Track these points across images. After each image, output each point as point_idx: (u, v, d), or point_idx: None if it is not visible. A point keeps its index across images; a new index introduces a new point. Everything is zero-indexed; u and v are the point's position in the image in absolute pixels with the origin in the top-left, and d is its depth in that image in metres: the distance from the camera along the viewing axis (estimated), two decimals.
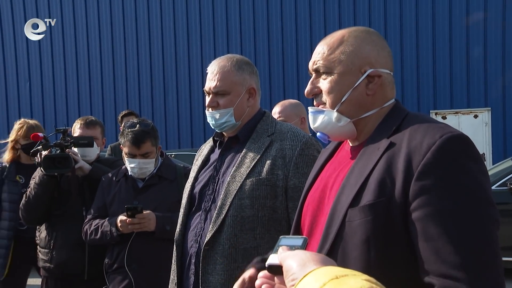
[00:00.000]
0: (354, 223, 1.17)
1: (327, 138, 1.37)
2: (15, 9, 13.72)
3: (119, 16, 13.42)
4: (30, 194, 3.09)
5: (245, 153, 1.99)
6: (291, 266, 0.92)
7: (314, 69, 1.36)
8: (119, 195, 2.88)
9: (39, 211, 3.12)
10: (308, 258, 0.93)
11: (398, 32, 12.43)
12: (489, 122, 12.09)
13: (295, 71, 12.71)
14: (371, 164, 1.21)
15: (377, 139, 1.26)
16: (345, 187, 1.23)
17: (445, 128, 1.17)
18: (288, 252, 0.98)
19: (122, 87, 13.44)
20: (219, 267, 1.89)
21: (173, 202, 2.77)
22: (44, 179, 3.04)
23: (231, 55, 2.12)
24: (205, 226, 1.97)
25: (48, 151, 2.99)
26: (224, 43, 13.00)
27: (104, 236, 2.78)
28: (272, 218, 1.91)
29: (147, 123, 2.89)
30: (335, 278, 0.82)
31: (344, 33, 1.36)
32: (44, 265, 3.17)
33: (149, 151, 2.81)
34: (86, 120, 3.35)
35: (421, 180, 1.12)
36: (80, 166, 3.07)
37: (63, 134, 3.08)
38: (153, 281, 2.71)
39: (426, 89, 12.37)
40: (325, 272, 0.85)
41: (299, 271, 0.89)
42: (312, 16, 12.68)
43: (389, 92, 1.34)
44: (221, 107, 2.02)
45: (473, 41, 12.16)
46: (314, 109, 1.37)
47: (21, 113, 13.57)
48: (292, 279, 0.90)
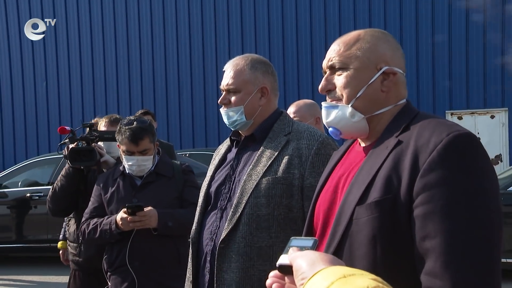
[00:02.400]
0: (361, 220, 1.18)
1: (339, 134, 1.36)
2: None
3: (135, 17, 13.51)
4: (57, 186, 3.19)
5: (262, 152, 2.00)
6: (301, 266, 0.95)
7: (329, 65, 1.37)
8: (117, 193, 2.88)
9: (65, 202, 3.22)
10: (317, 258, 0.96)
11: (414, 31, 12.34)
12: (506, 123, 11.94)
13: (309, 71, 12.69)
14: (378, 162, 1.21)
15: (386, 138, 1.27)
16: (353, 185, 1.24)
17: (453, 127, 1.17)
18: (298, 252, 1.00)
19: (137, 87, 13.53)
20: (234, 265, 1.90)
21: (172, 199, 2.82)
22: (70, 171, 3.13)
23: (248, 54, 2.15)
24: (220, 225, 1.98)
25: (74, 144, 3.07)
26: (239, 43, 13.03)
27: (104, 234, 2.77)
28: (287, 217, 1.91)
29: (144, 119, 2.91)
30: (343, 277, 0.84)
31: (360, 32, 1.38)
32: (73, 258, 3.28)
33: (147, 148, 2.81)
34: (111, 118, 3.46)
35: (425, 177, 1.12)
36: (105, 160, 3.18)
37: (90, 129, 3.17)
38: (156, 278, 2.72)
39: (442, 89, 12.26)
40: (333, 272, 0.87)
41: (308, 271, 0.92)
42: (327, 16, 12.65)
43: (402, 91, 1.35)
44: (232, 104, 2.04)
45: (490, 40, 12.02)
46: (328, 104, 1.37)
47: (38, 113, 13.74)
48: (302, 278, 0.93)
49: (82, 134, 3.18)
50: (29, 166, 8.48)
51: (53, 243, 6.16)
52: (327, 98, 1.38)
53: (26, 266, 7.81)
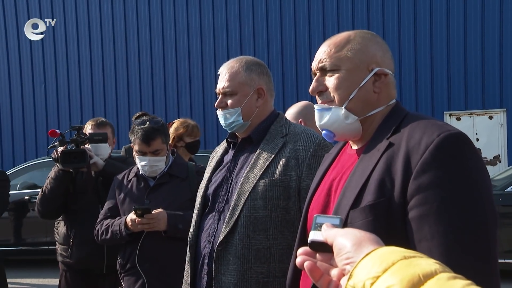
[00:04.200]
0: (356, 224, 1.17)
1: (332, 136, 1.35)
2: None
3: (133, 17, 13.50)
4: (46, 188, 3.23)
5: (259, 154, 2.00)
6: (345, 245, 0.86)
7: (319, 67, 1.36)
8: (130, 194, 2.88)
9: (54, 205, 3.25)
10: (363, 236, 0.86)
11: (412, 33, 12.35)
12: (504, 123, 11.94)
13: (308, 74, 12.69)
14: (371, 166, 1.21)
15: (377, 140, 1.26)
16: (347, 189, 1.23)
17: (443, 127, 1.17)
18: (337, 230, 0.91)
19: (136, 89, 13.52)
20: (232, 267, 1.90)
21: (185, 201, 2.79)
22: (59, 174, 3.16)
23: (242, 56, 2.15)
24: (218, 227, 1.98)
25: (64, 147, 3.12)
26: (238, 45, 13.03)
27: (114, 235, 2.78)
28: (285, 219, 1.91)
29: (157, 120, 2.90)
30: (404, 259, 0.76)
31: (350, 33, 1.38)
32: (63, 260, 3.30)
33: (159, 148, 2.80)
34: (97, 121, 3.50)
35: (418, 179, 1.11)
36: (94, 161, 3.20)
37: (78, 131, 3.21)
38: (167, 281, 2.70)
39: (440, 90, 12.26)
40: (392, 251, 0.79)
41: (355, 250, 0.84)
42: (325, 20, 12.66)
43: (392, 92, 1.35)
44: (229, 107, 2.04)
45: (488, 41, 12.04)
46: (321, 106, 1.36)
47: (36, 115, 13.72)
48: (347, 257, 0.84)
49: (71, 136, 3.22)
50: (27, 169, 8.46)
51: (51, 246, 6.14)
52: (317, 99, 1.38)
53: (24, 269, 7.80)
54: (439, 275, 0.71)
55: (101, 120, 3.54)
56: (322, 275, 0.91)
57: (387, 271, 0.75)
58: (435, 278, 0.71)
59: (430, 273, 0.72)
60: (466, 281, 0.70)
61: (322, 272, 0.91)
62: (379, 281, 0.74)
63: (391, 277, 0.73)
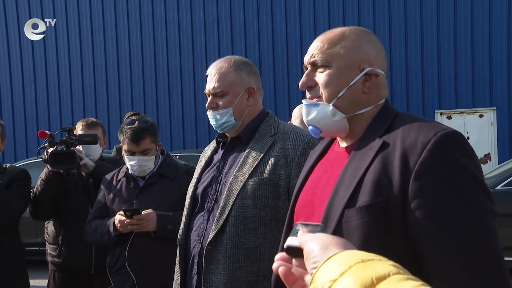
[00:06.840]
0: (351, 224, 1.16)
1: (319, 133, 1.34)
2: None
3: (123, 17, 13.45)
4: (37, 190, 3.20)
5: (248, 153, 1.99)
6: (312, 249, 0.88)
7: (311, 62, 1.35)
8: (119, 194, 2.87)
9: (45, 206, 3.23)
10: (331, 241, 0.88)
11: (403, 31, 12.40)
12: (494, 122, 12.03)
13: (299, 72, 12.70)
14: (365, 164, 1.20)
15: (368, 139, 1.25)
16: (339, 188, 1.22)
17: (438, 126, 1.17)
18: (309, 235, 0.93)
19: (127, 88, 13.47)
20: (222, 267, 1.89)
21: (175, 201, 2.77)
22: (50, 175, 3.15)
23: (230, 56, 2.14)
24: (207, 226, 1.97)
25: (54, 148, 3.09)
26: (229, 44, 13.01)
27: (103, 236, 2.77)
28: (274, 218, 1.91)
29: (146, 119, 2.88)
30: (361, 262, 0.78)
31: (345, 30, 1.36)
32: (52, 260, 3.30)
33: (148, 148, 2.79)
34: (87, 122, 3.49)
35: (419, 180, 1.11)
36: (85, 163, 3.18)
37: (68, 133, 3.18)
38: (156, 281, 2.69)
39: (431, 89, 12.32)
40: (350, 256, 0.81)
41: (321, 254, 0.86)
42: (316, 18, 12.68)
43: (383, 92, 1.34)
44: (221, 107, 2.03)
45: (478, 40, 12.11)
46: (309, 102, 1.35)
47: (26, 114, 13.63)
48: (314, 261, 0.86)
49: (61, 138, 3.20)
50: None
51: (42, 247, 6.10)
52: (307, 94, 1.37)
53: None
54: (392, 277, 0.74)
55: (92, 120, 3.52)
56: (296, 280, 0.92)
57: (343, 274, 0.76)
58: (387, 280, 0.73)
59: (383, 276, 0.74)
60: (417, 282, 0.72)
61: (297, 277, 0.92)
62: (336, 284, 0.76)
63: (346, 280, 0.75)
